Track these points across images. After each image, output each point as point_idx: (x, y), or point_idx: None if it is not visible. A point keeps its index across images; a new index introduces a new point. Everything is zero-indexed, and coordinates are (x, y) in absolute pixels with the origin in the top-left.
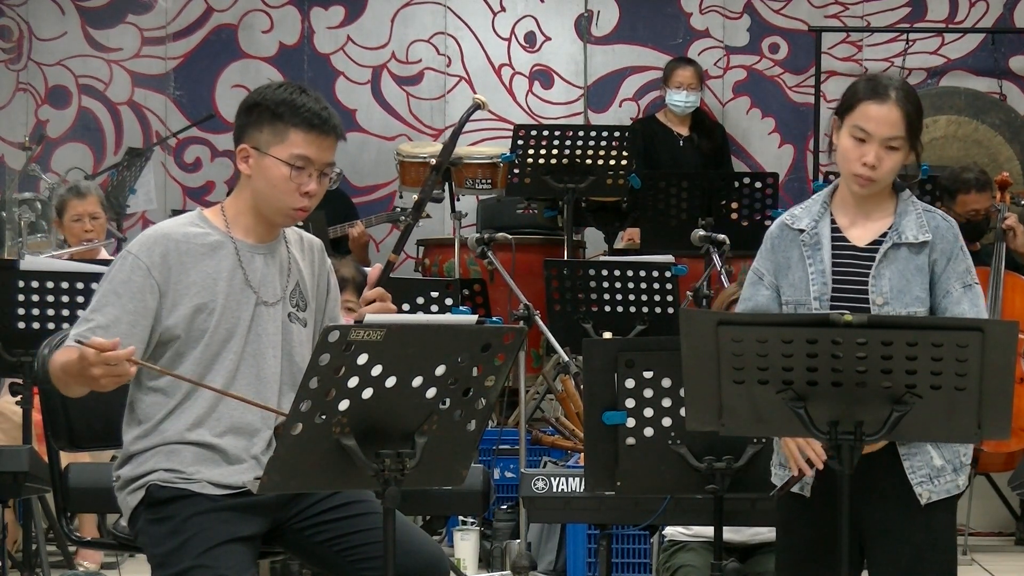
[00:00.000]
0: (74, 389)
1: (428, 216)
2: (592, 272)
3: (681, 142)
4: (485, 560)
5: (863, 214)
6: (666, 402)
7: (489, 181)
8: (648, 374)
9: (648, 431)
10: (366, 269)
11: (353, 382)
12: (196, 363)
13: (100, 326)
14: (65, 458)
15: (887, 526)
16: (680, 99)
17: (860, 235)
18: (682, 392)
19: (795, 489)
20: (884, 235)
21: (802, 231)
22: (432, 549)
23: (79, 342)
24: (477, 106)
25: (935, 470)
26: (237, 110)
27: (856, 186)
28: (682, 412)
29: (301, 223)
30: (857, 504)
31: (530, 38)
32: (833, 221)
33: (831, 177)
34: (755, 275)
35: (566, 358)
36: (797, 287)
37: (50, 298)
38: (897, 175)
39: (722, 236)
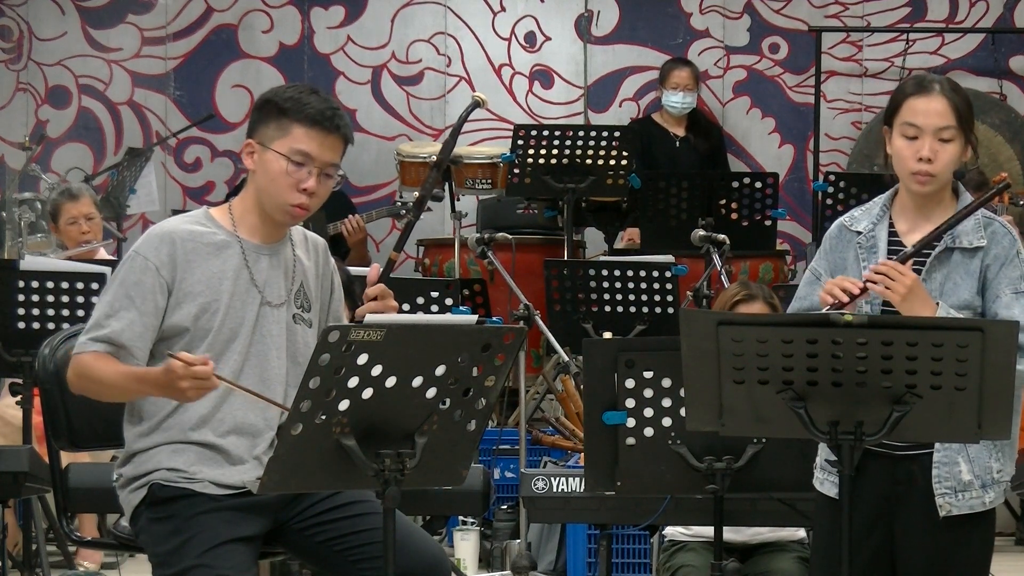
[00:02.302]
0: (120, 396)
1: (429, 209)
2: (592, 272)
3: (678, 143)
4: (485, 560)
5: (923, 218)
6: (666, 402)
7: (489, 181)
8: (648, 374)
9: (648, 431)
10: (362, 270)
11: (353, 382)
12: None
13: (116, 331)
14: (65, 458)
15: (910, 536)
16: (676, 100)
17: (916, 239)
18: (682, 392)
19: (833, 494)
20: (940, 239)
21: (859, 233)
22: (433, 549)
23: (170, 355)
24: (477, 103)
25: (961, 484)
26: (253, 107)
27: (916, 185)
28: (682, 412)
29: (303, 223)
30: (887, 510)
31: (530, 38)
32: (891, 225)
33: (831, 177)
34: (812, 275)
35: (566, 358)
36: None
37: (50, 298)
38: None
39: (722, 236)
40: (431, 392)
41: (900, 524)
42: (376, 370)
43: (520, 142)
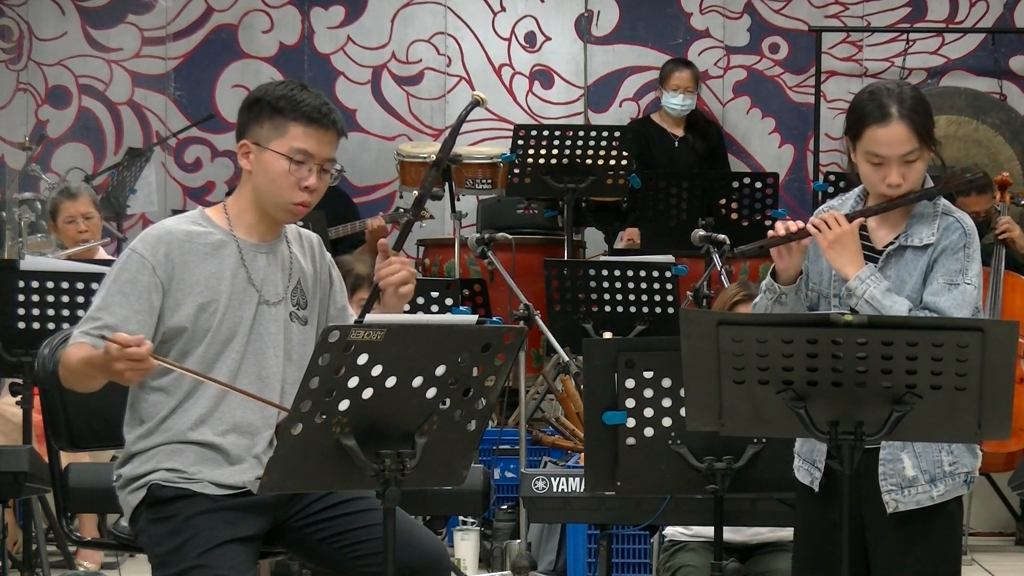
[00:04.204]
0: (90, 383)
1: (431, 217)
2: (592, 272)
3: (676, 143)
4: (485, 560)
5: (888, 221)
6: (666, 402)
7: (489, 181)
8: (648, 374)
9: (648, 431)
10: None
11: (353, 382)
12: (199, 361)
13: (108, 326)
14: (65, 458)
15: (872, 530)
16: (676, 103)
17: (883, 237)
18: (682, 392)
19: (805, 481)
20: (898, 238)
21: None
22: (433, 543)
23: (103, 337)
24: (476, 103)
25: (906, 480)
26: (240, 107)
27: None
28: (682, 412)
29: (301, 222)
30: (857, 503)
31: (530, 38)
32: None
33: (831, 177)
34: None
35: (566, 358)
36: (822, 277)
37: (50, 298)
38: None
39: (722, 236)
40: (431, 392)
41: (866, 517)
42: (376, 370)
43: (520, 142)
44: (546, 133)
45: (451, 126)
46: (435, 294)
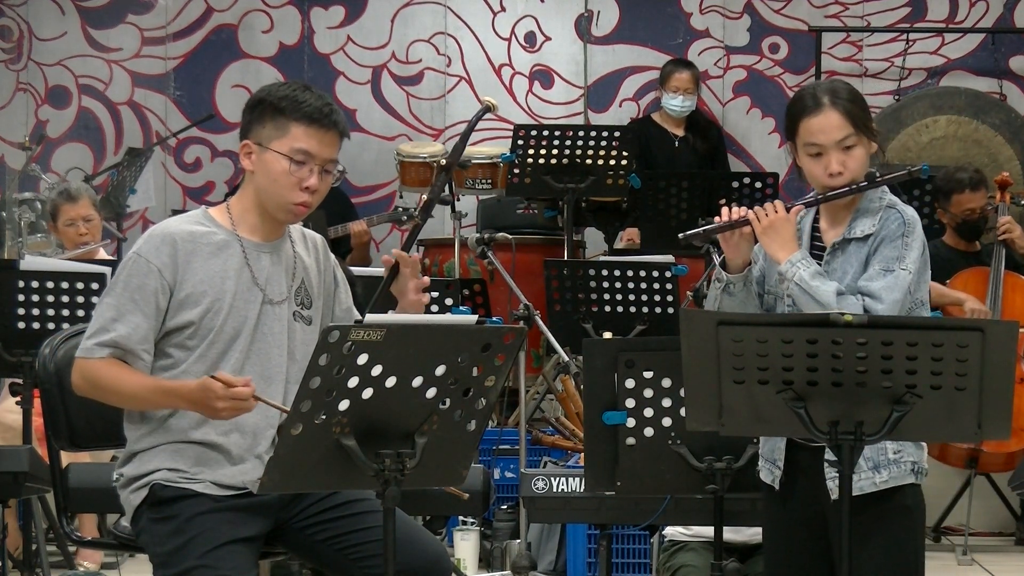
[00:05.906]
0: (139, 406)
1: (432, 216)
2: (592, 272)
3: (676, 143)
4: (485, 560)
5: (837, 220)
6: (666, 402)
7: (489, 181)
8: (648, 374)
9: (648, 431)
10: (365, 270)
11: (353, 382)
12: (200, 359)
13: (122, 336)
14: (65, 458)
15: (830, 524)
16: (676, 104)
17: (832, 238)
18: (682, 392)
19: (768, 481)
20: (850, 232)
21: None
22: (434, 545)
23: (212, 376)
24: (487, 108)
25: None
26: (244, 108)
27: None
28: (682, 412)
29: (301, 222)
30: (816, 501)
31: (530, 38)
32: (817, 220)
33: None
34: (751, 257)
35: (566, 358)
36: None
37: (50, 298)
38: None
39: None
40: (431, 392)
41: (826, 509)
42: (376, 370)
43: (520, 142)
44: (546, 133)
45: (465, 126)
46: (435, 294)
